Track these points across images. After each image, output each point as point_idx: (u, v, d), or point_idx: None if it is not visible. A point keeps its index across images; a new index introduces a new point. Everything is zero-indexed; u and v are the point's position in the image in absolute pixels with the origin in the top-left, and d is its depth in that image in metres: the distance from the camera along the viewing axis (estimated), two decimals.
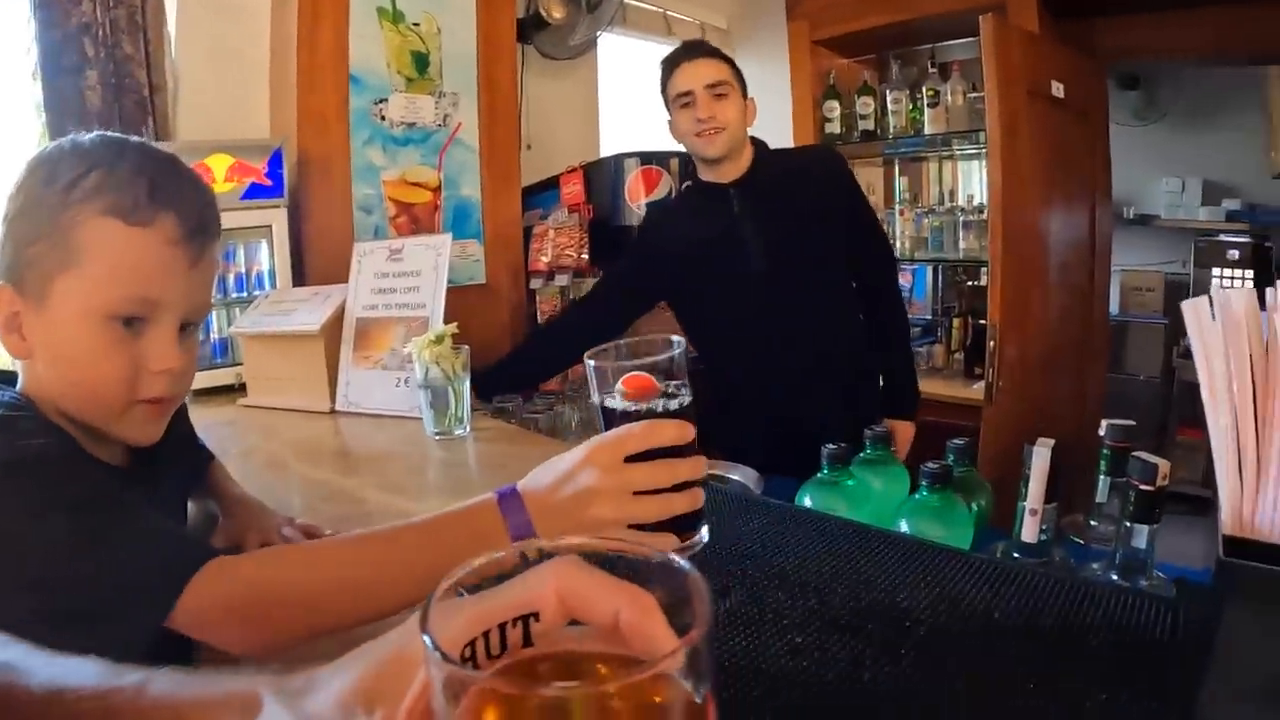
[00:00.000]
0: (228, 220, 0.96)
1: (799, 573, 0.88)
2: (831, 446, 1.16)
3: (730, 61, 2.08)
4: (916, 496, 1.09)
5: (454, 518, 0.80)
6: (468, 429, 1.66)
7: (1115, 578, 0.93)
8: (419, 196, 2.48)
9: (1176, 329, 4.13)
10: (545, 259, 2.53)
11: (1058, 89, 2.77)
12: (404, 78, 2.44)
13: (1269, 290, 0.70)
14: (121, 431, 0.88)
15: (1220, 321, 0.70)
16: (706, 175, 2.09)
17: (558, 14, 2.75)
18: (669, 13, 3.40)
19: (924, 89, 3.28)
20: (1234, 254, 3.93)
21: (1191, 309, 0.71)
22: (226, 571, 0.76)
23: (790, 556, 0.91)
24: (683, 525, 0.79)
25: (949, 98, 3.22)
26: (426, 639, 0.29)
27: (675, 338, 0.80)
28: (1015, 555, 1.00)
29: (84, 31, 2.11)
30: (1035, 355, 2.82)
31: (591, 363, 0.79)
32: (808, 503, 1.16)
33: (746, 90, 2.07)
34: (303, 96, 2.29)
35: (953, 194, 3.73)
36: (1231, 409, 0.69)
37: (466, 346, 1.65)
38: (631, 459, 0.76)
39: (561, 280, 2.51)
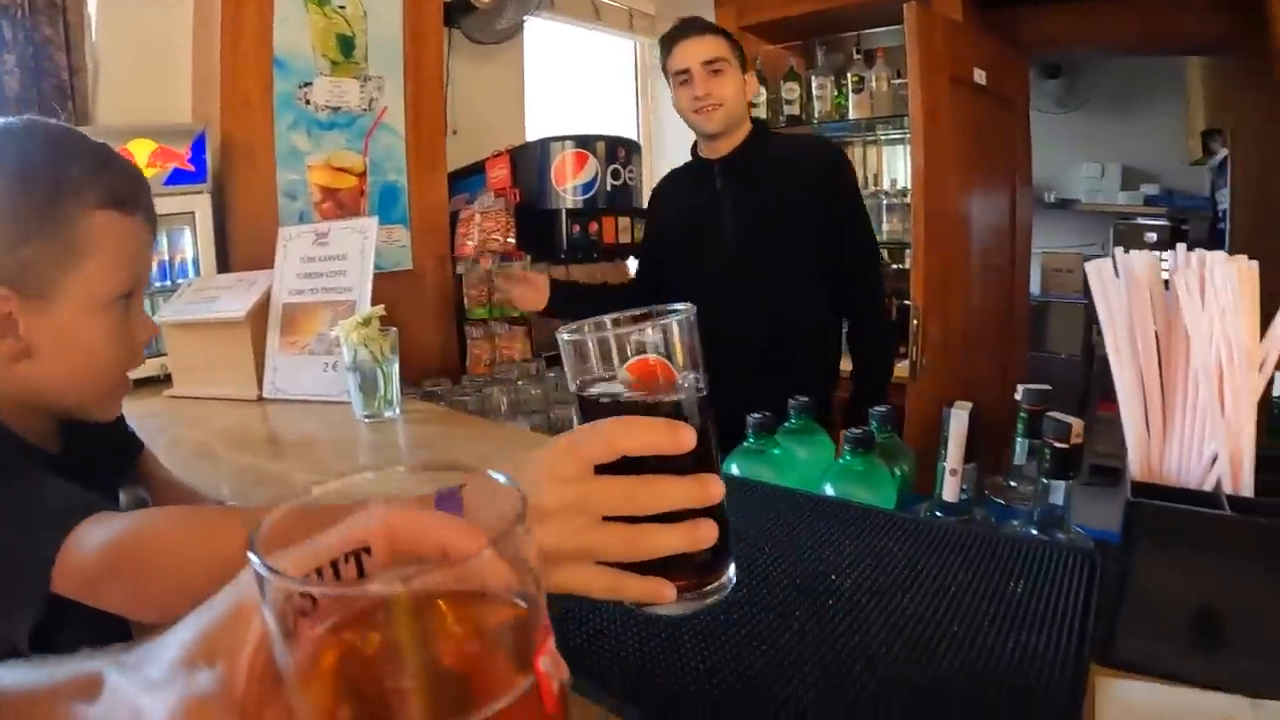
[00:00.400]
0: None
1: None
2: (757, 416, 1.18)
3: (727, 36, 2.13)
4: (840, 461, 1.12)
5: None
6: (397, 411, 1.66)
7: (1034, 533, 0.97)
8: (344, 182, 2.46)
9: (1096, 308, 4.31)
10: (472, 243, 2.51)
11: (980, 76, 2.85)
12: (329, 61, 2.41)
13: (1169, 253, 0.74)
14: (104, 409, 0.94)
15: (1123, 281, 0.74)
16: (703, 150, 2.16)
17: None
18: None
19: (849, 75, 3.33)
20: (1152, 237, 4.11)
21: (1095, 269, 0.75)
22: (104, 523, 0.74)
23: None
24: (690, 567, 0.56)
25: (874, 84, 3.29)
26: (254, 559, 0.30)
27: (681, 305, 0.58)
28: (937, 514, 1.03)
29: (2, 14, 2.08)
30: (958, 334, 2.90)
31: (564, 336, 0.59)
32: (734, 470, 1.18)
33: (745, 65, 2.14)
34: (226, 80, 2.26)
35: (877, 178, 3.80)
36: (1136, 365, 0.73)
37: (394, 328, 1.65)
38: (607, 470, 0.54)
39: (488, 264, 2.50)
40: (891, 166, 3.90)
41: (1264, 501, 0.66)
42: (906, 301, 2.92)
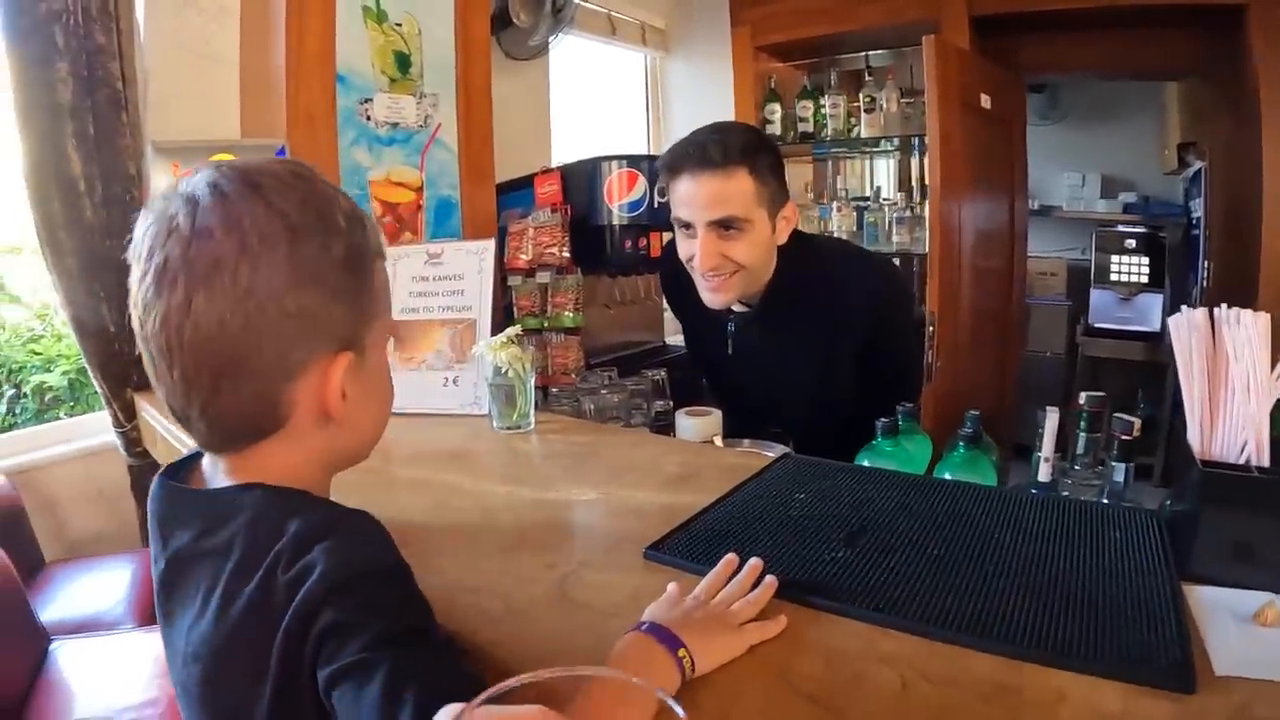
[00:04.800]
0: None
1: (902, 516, 1.41)
2: (884, 420, 1.69)
3: (756, 163, 1.78)
4: (955, 454, 1.64)
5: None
6: (532, 422, 2.02)
7: (1105, 502, 1.50)
8: (403, 196, 2.88)
9: (1078, 310, 4.99)
10: (525, 257, 2.93)
11: (986, 101, 3.44)
12: (387, 78, 2.82)
13: (1217, 310, 1.28)
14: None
15: (1188, 328, 1.27)
16: None
17: (525, 17, 3.19)
18: (613, 13, 3.90)
19: (861, 95, 3.92)
20: (1130, 243, 4.78)
21: (1175, 322, 1.28)
22: None
23: (884, 505, 1.44)
24: None
25: (885, 104, 3.86)
26: None
27: None
28: (1033, 490, 1.56)
29: (54, 20, 2.28)
30: (965, 336, 3.50)
31: None
32: (865, 464, 1.69)
33: (783, 197, 1.87)
34: (291, 96, 2.58)
35: (879, 192, 4.40)
36: (1199, 385, 1.26)
37: (532, 347, 2.06)
38: None
39: (543, 278, 2.90)
40: (876, 177, 4.57)
41: (1277, 469, 1.20)
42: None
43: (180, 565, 0.86)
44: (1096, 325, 4.90)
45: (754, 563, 1.11)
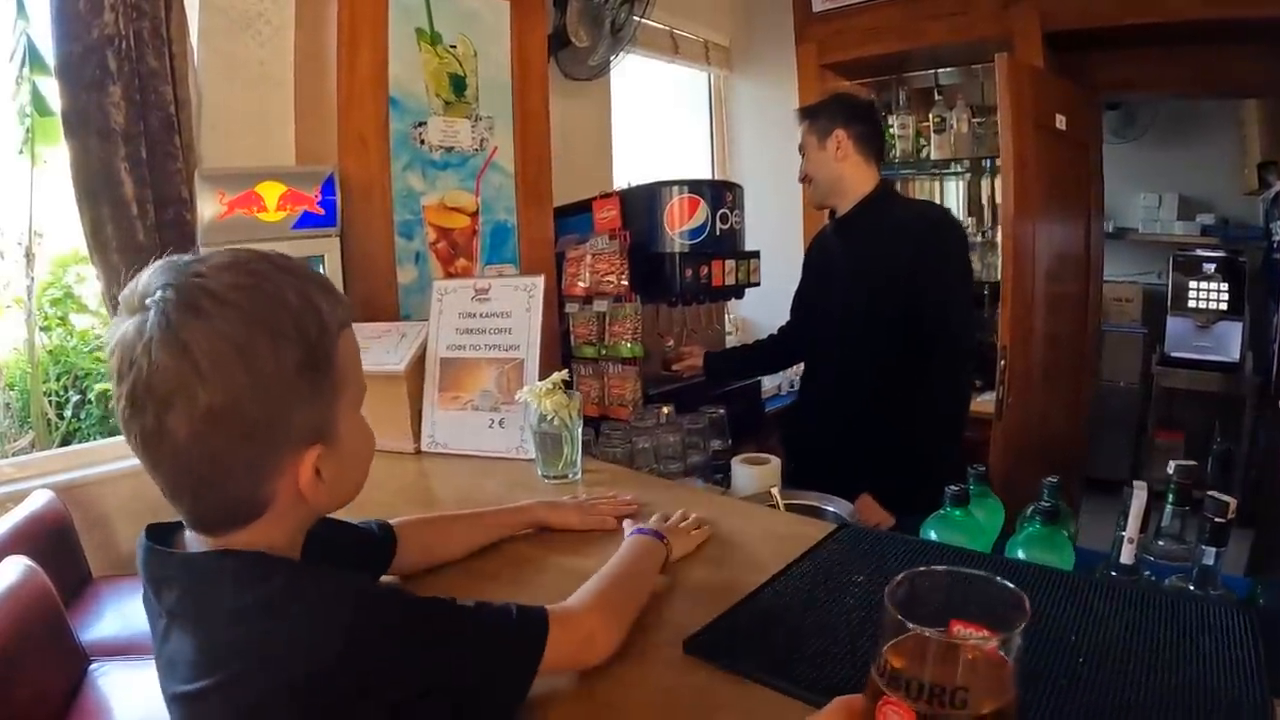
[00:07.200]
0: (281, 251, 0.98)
1: None
2: (954, 488, 1.54)
3: (809, 113, 2.51)
4: (1031, 529, 1.48)
5: None
6: (579, 472, 1.89)
7: (1192, 588, 1.34)
8: (458, 221, 2.78)
9: (1154, 337, 4.74)
10: (583, 284, 2.82)
11: (1061, 122, 3.24)
12: (442, 101, 2.72)
13: None
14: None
15: None
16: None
17: (584, 37, 3.08)
18: (676, 31, 3.77)
19: (931, 115, 3.74)
20: (1209, 268, 4.51)
21: None
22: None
23: None
24: None
25: (955, 125, 3.68)
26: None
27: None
28: (1113, 573, 1.40)
29: (106, 44, 2.23)
30: (1038, 368, 3.30)
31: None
32: (933, 535, 1.54)
33: (831, 126, 2.42)
34: (343, 120, 2.51)
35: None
36: None
37: (579, 393, 1.93)
38: None
39: (600, 306, 2.78)
40: (945, 199, 4.41)
41: None
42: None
43: (174, 620, 0.89)
44: (1172, 355, 4.63)
45: (694, 518, 1.55)
